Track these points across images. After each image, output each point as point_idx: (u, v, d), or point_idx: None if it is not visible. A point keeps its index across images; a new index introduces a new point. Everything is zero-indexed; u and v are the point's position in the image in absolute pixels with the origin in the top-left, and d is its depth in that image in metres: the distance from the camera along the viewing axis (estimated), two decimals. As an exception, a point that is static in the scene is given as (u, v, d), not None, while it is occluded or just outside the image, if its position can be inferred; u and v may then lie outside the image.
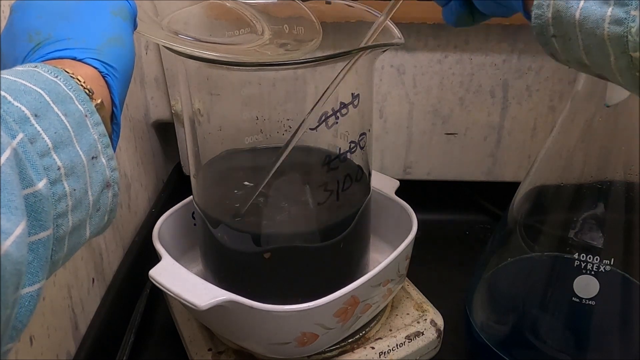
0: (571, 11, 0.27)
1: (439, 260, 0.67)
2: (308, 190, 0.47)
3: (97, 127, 0.28)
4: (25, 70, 0.26)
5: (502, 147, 0.69)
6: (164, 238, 0.50)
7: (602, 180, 0.43)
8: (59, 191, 0.25)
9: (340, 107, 0.43)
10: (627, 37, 0.25)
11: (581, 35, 0.27)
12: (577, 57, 0.28)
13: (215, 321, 0.48)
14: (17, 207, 0.21)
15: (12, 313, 0.21)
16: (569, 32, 0.28)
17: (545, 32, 0.29)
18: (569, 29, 0.27)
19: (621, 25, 0.25)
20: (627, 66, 0.26)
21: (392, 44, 0.42)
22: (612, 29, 0.25)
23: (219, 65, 0.41)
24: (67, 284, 0.48)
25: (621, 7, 0.25)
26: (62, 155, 0.25)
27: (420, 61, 0.64)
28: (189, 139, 0.48)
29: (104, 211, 0.29)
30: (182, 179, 0.75)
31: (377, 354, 0.50)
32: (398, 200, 0.56)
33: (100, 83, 0.30)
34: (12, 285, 0.20)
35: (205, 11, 0.47)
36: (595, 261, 0.43)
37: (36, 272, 0.23)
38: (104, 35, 0.31)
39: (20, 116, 0.24)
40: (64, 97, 0.26)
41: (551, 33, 0.29)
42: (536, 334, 0.46)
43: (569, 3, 0.27)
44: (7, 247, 0.19)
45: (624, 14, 0.25)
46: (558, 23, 0.28)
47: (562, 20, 0.27)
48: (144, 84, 0.69)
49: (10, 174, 0.21)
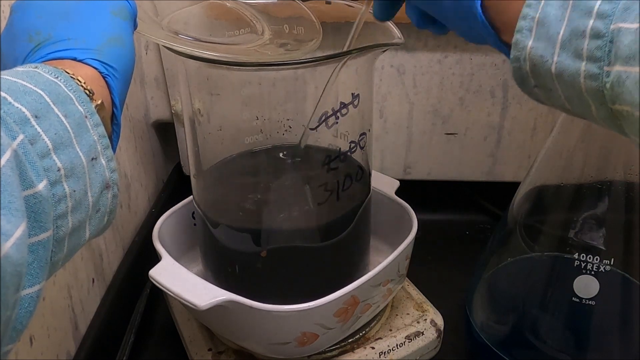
0: (547, 65, 0.27)
1: (439, 260, 0.67)
2: (308, 190, 0.47)
3: (97, 128, 0.28)
4: (26, 70, 0.26)
5: (502, 147, 0.69)
6: (164, 238, 0.50)
7: (602, 180, 0.43)
8: (59, 192, 0.25)
9: (340, 107, 0.43)
10: (604, 91, 0.25)
11: (560, 87, 0.27)
12: (560, 104, 0.29)
13: (215, 321, 0.48)
14: (18, 208, 0.21)
15: (12, 314, 0.21)
16: (548, 84, 0.28)
17: (526, 83, 0.29)
18: (548, 81, 0.27)
19: (596, 81, 0.25)
20: (608, 116, 0.26)
21: (392, 44, 0.42)
22: (588, 83, 0.25)
23: (219, 65, 0.41)
24: (67, 284, 0.48)
25: (593, 62, 0.25)
26: (62, 156, 0.25)
27: (420, 61, 0.64)
28: (189, 139, 0.48)
29: (103, 212, 0.29)
30: (182, 179, 0.75)
31: (377, 354, 0.50)
32: (398, 200, 0.56)
33: (100, 83, 0.30)
34: (12, 287, 0.20)
35: (205, 11, 0.47)
36: (595, 261, 0.43)
37: (36, 273, 0.23)
38: (104, 36, 0.31)
39: (21, 117, 0.24)
40: (64, 98, 0.26)
41: (532, 84, 0.29)
42: (536, 334, 0.46)
43: (543, 57, 0.27)
44: (8, 249, 0.19)
45: (597, 69, 0.25)
46: (536, 75, 0.28)
47: (539, 73, 0.27)
48: (144, 84, 0.69)
49: (10, 175, 0.21)
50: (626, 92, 0.24)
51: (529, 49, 0.27)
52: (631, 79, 0.23)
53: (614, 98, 0.25)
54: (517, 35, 0.28)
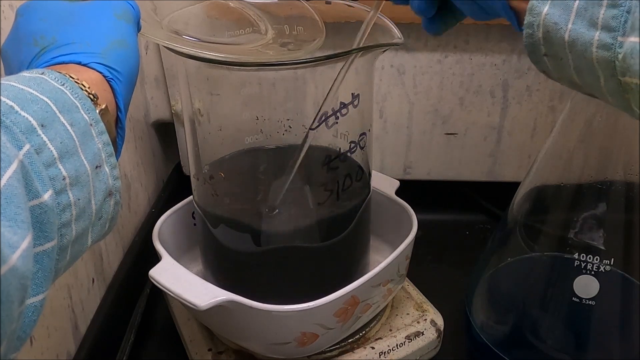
0: (560, 32, 0.26)
1: (439, 260, 0.67)
2: (308, 190, 0.47)
3: (102, 136, 0.28)
4: (33, 77, 0.26)
5: (502, 147, 0.69)
6: (164, 238, 0.50)
7: (602, 180, 0.43)
8: (64, 201, 0.25)
9: (340, 107, 0.43)
10: (615, 62, 0.25)
11: (571, 56, 0.27)
12: (568, 76, 0.28)
13: (215, 321, 0.48)
14: (24, 220, 0.21)
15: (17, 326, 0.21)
16: (559, 53, 0.27)
17: (537, 51, 0.29)
18: (559, 49, 0.27)
19: (608, 51, 0.25)
20: (616, 89, 0.26)
21: (392, 44, 0.42)
22: (600, 53, 0.25)
23: (219, 66, 0.41)
24: (67, 284, 0.48)
25: (608, 32, 0.25)
26: (68, 165, 0.25)
27: (420, 61, 0.64)
28: (189, 139, 0.48)
29: (105, 219, 0.29)
30: (182, 179, 0.75)
31: (377, 354, 0.50)
32: (398, 200, 0.56)
33: (104, 87, 0.30)
34: (17, 300, 0.20)
35: (206, 11, 0.47)
36: (595, 261, 0.43)
37: (40, 282, 0.23)
38: (108, 39, 0.31)
39: (27, 126, 0.24)
40: (70, 106, 0.26)
41: (542, 52, 0.28)
42: (536, 334, 0.46)
43: (558, 24, 0.27)
44: (15, 261, 0.19)
45: (611, 40, 0.25)
46: (548, 43, 0.28)
47: (552, 41, 0.27)
48: (144, 84, 0.69)
49: (17, 187, 0.21)
50: (638, 64, 0.23)
51: (543, 15, 0.27)
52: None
53: (624, 70, 0.24)
54: (533, 0, 0.27)
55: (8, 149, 0.22)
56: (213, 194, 0.48)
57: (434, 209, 0.72)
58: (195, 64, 0.42)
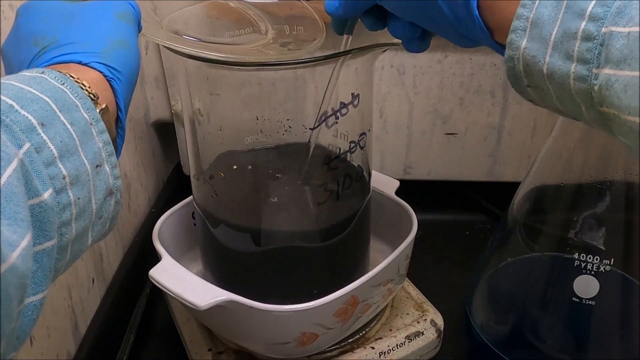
0: (539, 65, 0.27)
1: (439, 260, 0.67)
2: (308, 190, 0.47)
3: (102, 135, 0.28)
4: (33, 76, 0.26)
5: (502, 147, 0.69)
6: (164, 238, 0.50)
7: (602, 180, 0.43)
8: (64, 200, 0.25)
9: (340, 107, 0.43)
10: (591, 93, 0.25)
11: (552, 87, 0.27)
12: (552, 105, 0.29)
13: (215, 321, 0.48)
14: (23, 219, 0.21)
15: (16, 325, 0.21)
16: (540, 84, 0.28)
17: (520, 82, 0.29)
18: (540, 81, 0.28)
19: (585, 82, 0.25)
20: (598, 117, 0.26)
21: (392, 44, 0.42)
22: (577, 84, 0.25)
23: (219, 65, 0.41)
24: (67, 284, 0.48)
25: (583, 64, 0.25)
26: (68, 164, 0.25)
27: (420, 61, 0.64)
28: (189, 139, 0.48)
29: (106, 219, 0.29)
30: (182, 179, 0.75)
31: (377, 354, 0.50)
32: (398, 200, 0.56)
33: (105, 87, 0.30)
34: (16, 299, 0.20)
35: (206, 11, 0.47)
36: (595, 261, 0.43)
37: (40, 281, 0.23)
38: (109, 39, 0.31)
39: (27, 125, 0.24)
40: (70, 105, 0.26)
41: (525, 84, 0.29)
42: (536, 334, 0.46)
43: (536, 58, 0.27)
44: (14, 260, 0.19)
45: (586, 72, 0.25)
46: (529, 75, 0.28)
47: (532, 73, 0.28)
48: (144, 84, 0.69)
49: (17, 185, 0.21)
50: (613, 95, 0.24)
51: (522, 49, 0.27)
52: (620, 82, 0.23)
53: (601, 100, 0.25)
54: (511, 35, 0.28)
55: (8, 148, 0.22)
56: (213, 194, 0.48)
57: (434, 209, 0.72)
58: (195, 64, 0.42)
